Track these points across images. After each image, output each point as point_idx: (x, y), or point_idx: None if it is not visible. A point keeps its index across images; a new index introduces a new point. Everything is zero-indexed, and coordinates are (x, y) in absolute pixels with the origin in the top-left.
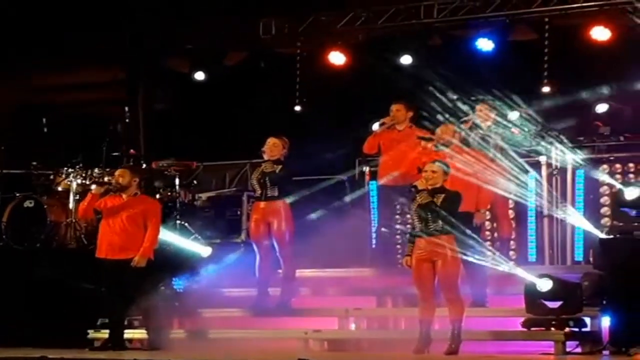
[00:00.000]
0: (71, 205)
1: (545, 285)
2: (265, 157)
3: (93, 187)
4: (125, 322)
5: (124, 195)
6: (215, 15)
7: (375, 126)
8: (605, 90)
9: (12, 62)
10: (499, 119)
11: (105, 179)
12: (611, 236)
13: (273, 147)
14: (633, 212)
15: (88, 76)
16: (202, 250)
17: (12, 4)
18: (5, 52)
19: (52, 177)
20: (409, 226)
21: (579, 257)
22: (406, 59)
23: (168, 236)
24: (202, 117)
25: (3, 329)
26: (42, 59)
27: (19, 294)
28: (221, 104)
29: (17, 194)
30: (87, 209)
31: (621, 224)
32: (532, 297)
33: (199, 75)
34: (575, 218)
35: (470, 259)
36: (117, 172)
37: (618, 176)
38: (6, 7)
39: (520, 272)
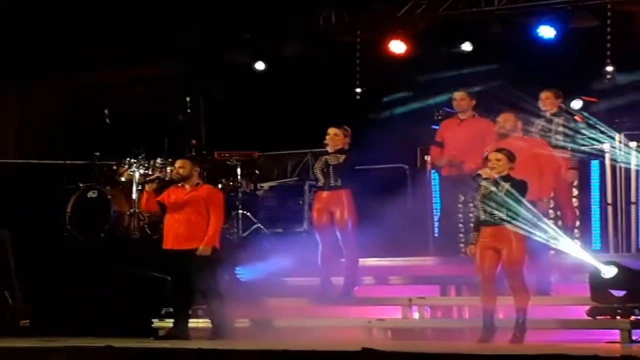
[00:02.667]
0: (134, 195)
1: (609, 272)
2: (329, 148)
3: (146, 185)
4: (190, 312)
5: (186, 186)
6: (274, 5)
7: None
8: None
9: (75, 55)
10: (563, 106)
11: (168, 169)
12: None
13: (335, 137)
14: None
15: (149, 68)
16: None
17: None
18: (70, 44)
19: (115, 167)
20: (471, 215)
21: None
22: (467, 47)
23: None
24: (262, 107)
25: (68, 318)
26: (104, 52)
27: (83, 284)
28: (281, 94)
29: (81, 185)
30: (149, 204)
31: None
32: (597, 285)
33: (259, 65)
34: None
35: (534, 247)
36: (177, 164)
37: None
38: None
39: (584, 255)
